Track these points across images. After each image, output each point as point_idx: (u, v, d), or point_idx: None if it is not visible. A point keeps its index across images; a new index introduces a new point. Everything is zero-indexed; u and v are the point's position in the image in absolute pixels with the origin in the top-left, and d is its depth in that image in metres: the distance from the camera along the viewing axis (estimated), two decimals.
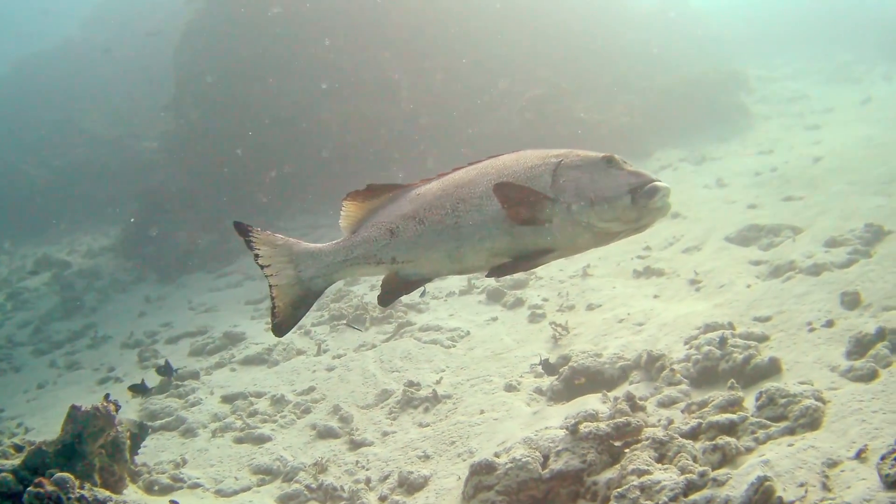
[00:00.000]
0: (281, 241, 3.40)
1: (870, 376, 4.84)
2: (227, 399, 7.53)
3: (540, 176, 3.12)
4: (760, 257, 7.81)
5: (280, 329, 3.47)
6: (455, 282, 9.24)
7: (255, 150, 14.79)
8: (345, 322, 8.32)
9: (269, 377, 7.91)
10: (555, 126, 13.32)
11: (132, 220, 15.03)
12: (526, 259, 3.19)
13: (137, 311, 11.72)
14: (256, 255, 3.37)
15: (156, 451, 6.78)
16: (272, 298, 3.39)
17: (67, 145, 20.24)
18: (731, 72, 16.68)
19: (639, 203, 3.00)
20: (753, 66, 20.96)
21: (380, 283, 3.46)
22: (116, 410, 5.73)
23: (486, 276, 3.30)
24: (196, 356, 8.99)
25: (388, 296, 3.42)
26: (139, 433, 6.32)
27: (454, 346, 7.48)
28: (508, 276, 8.74)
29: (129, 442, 5.96)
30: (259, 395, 7.45)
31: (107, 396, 6.12)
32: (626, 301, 7.51)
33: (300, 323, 8.97)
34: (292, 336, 8.86)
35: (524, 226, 3.11)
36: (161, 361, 8.12)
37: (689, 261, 8.27)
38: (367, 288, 9.84)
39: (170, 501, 5.61)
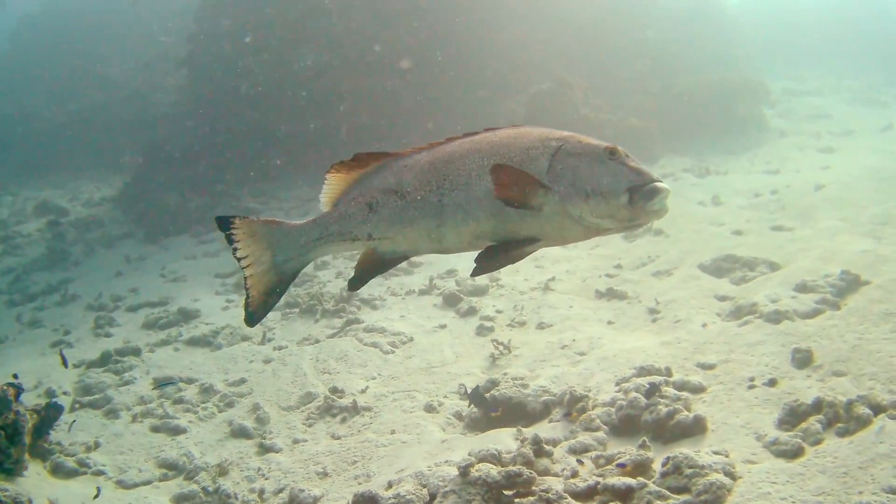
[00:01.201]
0: (260, 227, 3.17)
1: (794, 453, 4.50)
2: (158, 381, 7.37)
3: (536, 159, 2.92)
4: (728, 292, 7.42)
5: (253, 318, 3.25)
6: (417, 280, 8.96)
7: (262, 115, 14.60)
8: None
9: (207, 362, 7.74)
10: (557, 123, 12.80)
11: (132, 173, 14.93)
12: (510, 247, 2.96)
13: (115, 271, 11.62)
14: (235, 248, 3.15)
15: (75, 430, 6.64)
16: (246, 288, 3.19)
17: (85, 89, 20.09)
18: (753, 82, 15.95)
19: (635, 203, 2.83)
20: (782, 77, 20.23)
21: (349, 269, 3.34)
22: (16, 395, 5.63)
23: (471, 276, 3.09)
24: (148, 329, 8.84)
25: (360, 277, 3.20)
26: (50, 413, 6.19)
27: (393, 353, 7.22)
28: (468, 281, 8.47)
29: (33, 424, 5.88)
30: (190, 382, 7.29)
31: (15, 376, 6.04)
32: (578, 324, 7.18)
33: (240, 312, 8.89)
34: (240, 318, 8.65)
35: (512, 210, 2.88)
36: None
37: (656, 286, 7.90)
38: (332, 274, 9.61)
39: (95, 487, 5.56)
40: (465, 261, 9.46)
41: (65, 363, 7.18)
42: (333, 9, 14.53)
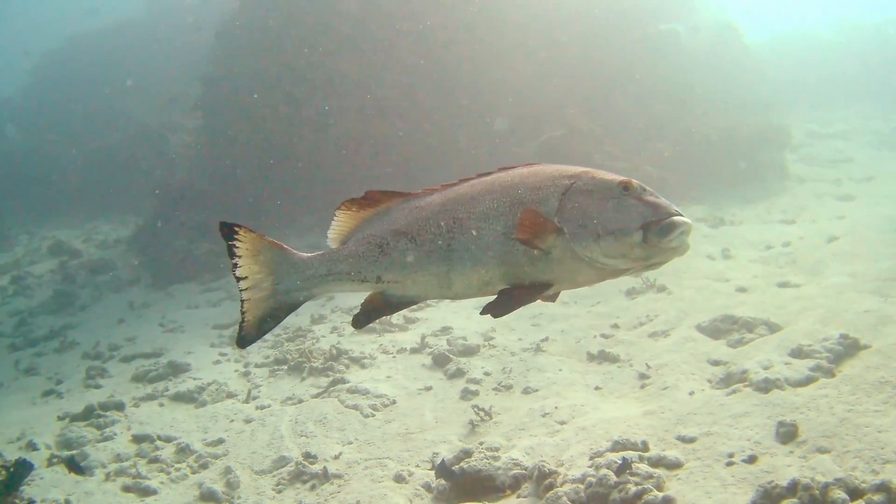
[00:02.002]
0: (266, 247, 3.05)
1: None
2: (137, 439, 7.26)
3: (546, 199, 2.82)
4: (723, 356, 7.13)
5: (244, 341, 3.13)
6: (411, 337, 8.79)
7: (273, 159, 14.66)
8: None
9: (189, 419, 7.61)
10: None
11: (144, 216, 15.06)
12: (522, 292, 2.85)
13: (118, 318, 11.65)
14: (235, 265, 3.03)
15: (49, 486, 6.57)
16: (242, 311, 3.06)
17: (105, 129, 20.41)
18: (774, 127, 15.60)
19: (651, 241, 2.68)
20: (807, 119, 19.79)
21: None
22: None
23: (481, 314, 2.93)
24: (137, 382, 8.77)
25: (366, 316, 3.08)
26: (20, 470, 6.11)
27: (373, 416, 7.03)
28: (460, 340, 8.29)
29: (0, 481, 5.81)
30: (168, 440, 7.16)
31: None
32: (563, 389, 6.95)
33: (233, 367, 8.80)
34: (233, 374, 8.59)
35: (521, 255, 2.79)
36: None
37: (651, 348, 7.63)
38: (327, 329, 9.48)
39: None
40: (460, 318, 9.31)
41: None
42: (347, 54, 14.62)
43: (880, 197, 13.05)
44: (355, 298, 10.47)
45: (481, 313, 2.89)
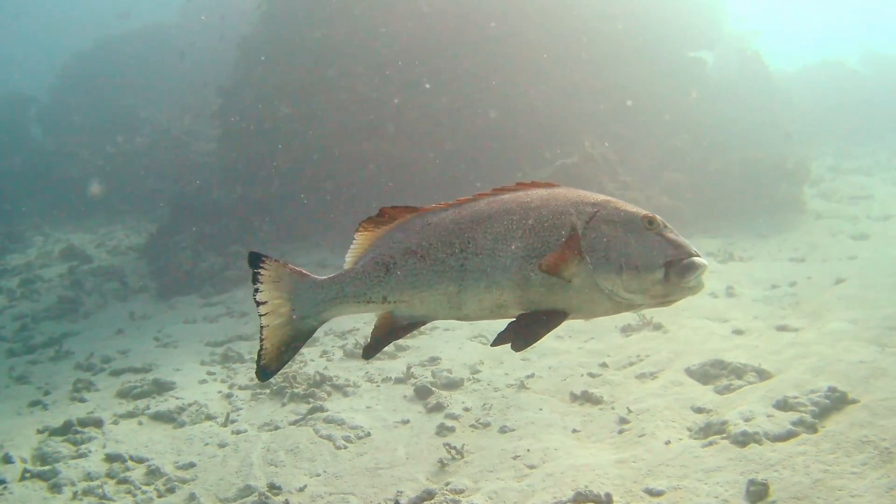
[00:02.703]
0: (287, 275, 3.08)
1: None
2: (109, 458, 7.20)
3: (569, 226, 2.82)
4: (707, 403, 6.90)
5: (265, 373, 3.15)
6: (399, 366, 8.66)
7: (287, 175, 14.69)
8: None
9: (165, 440, 7.56)
10: None
11: (157, 225, 15.13)
12: (536, 320, 2.83)
13: (117, 328, 11.68)
14: (257, 290, 3.06)
15: (18, 502, 6.55)
16: (261, 339, 3.09)
17: (127, 133, 20.62)
18: (793, 161, 15.23)
19: (671, 279, 2.72)
20: (831, 152, 19.32)
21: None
22: None
23: (492, 346, 2.94)
24: (121, 398, 8.75)
25: (375, 344, 3.08)
26: None
27: (345, 448, 6.92)
28: (445, 372, 8.16)
29: None
30: (140, 461, 7.11)
31: None
32: (540, 430, 6.78)
33: (218, 387, 8.74)
34: (216, 395, 8.53)
35: (538, 279, 2.77)
36: None
37: (636, 391, 7.43)
38: (317, 353, 9.40)
39: None
40: (451, 348, 9.17)
41: None
42: (363, 73, 14.62)
43: (895, 237, 12.68)
44: (350, 322, 10.42)
45: (493, 345, 2.86)
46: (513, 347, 2.88)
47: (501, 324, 3.05)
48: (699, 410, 6.81)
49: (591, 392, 7.38)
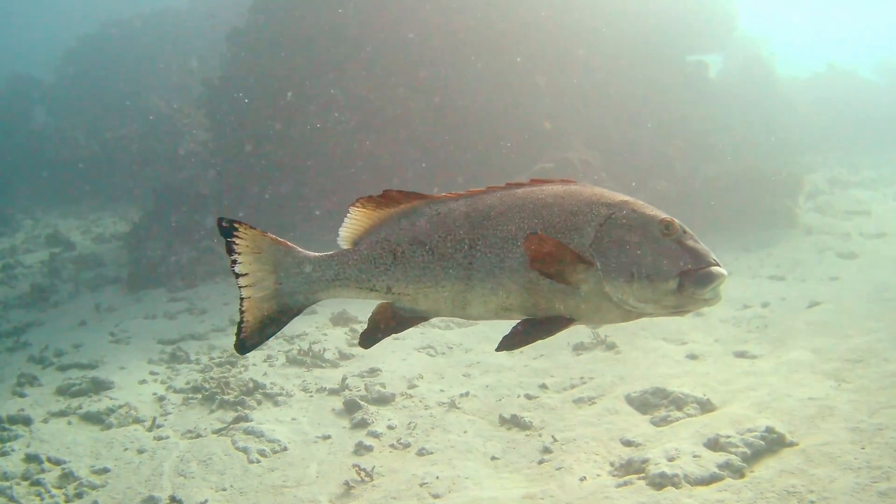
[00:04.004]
0: (268, 244, 2.86)
1: None
2: (29, 458, 7.07)
3: (582, 227, 2.65)
4: (638, 436, 6.58)
5: (244, 346, 2.92)
6: (338, 375, 8.41)
7: (268, 170, 14.49)
8: None
9: (88, 442, 7.40)
10: None
11: (141, 213, 15.01)
12: (541, 325, 2.68)
13: (80, 320, 11.58)
14: (234, 262, 2.84)
15: None
16: (241, 311, 2.87)
17: (124, 118, 20.52)
18: (786, 173, 14.67)
19: (685, 290, 2.55)
20: (836, 163, 18.65)
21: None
22: None
23: (496, 350, 2.72)
24: (60, 395, 8.62)
25: (372, 334, 2.87)
26: None
27: (258, 462, 6.70)
28: (377, 386, 7.92)
29: None
30: (57, 464, 6.95)
31: None
32: (458, 455, 6.51)
33: (155, 388, 8.57)
34: (150, 397, 8.34)
35: (547, 284, 2.63)
36: None
37: (569, 417, 7.13)
38: (261, 357, 9.18)
39: None
40: (395, 358, 8.92)
41: None
42: (349, 68, 14.36)
43: (883, 258, 12.14)
44: (299, 325, 10.20)
45: (497, 349, 2.71)
46: (498, 348, 2.74)
47: (503, 324, 2.88)
48: (628, 443, 6.49)
49: (520, 416, 7.08)
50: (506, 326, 2.85)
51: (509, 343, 2.70)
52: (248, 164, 14.52)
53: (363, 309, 10.59)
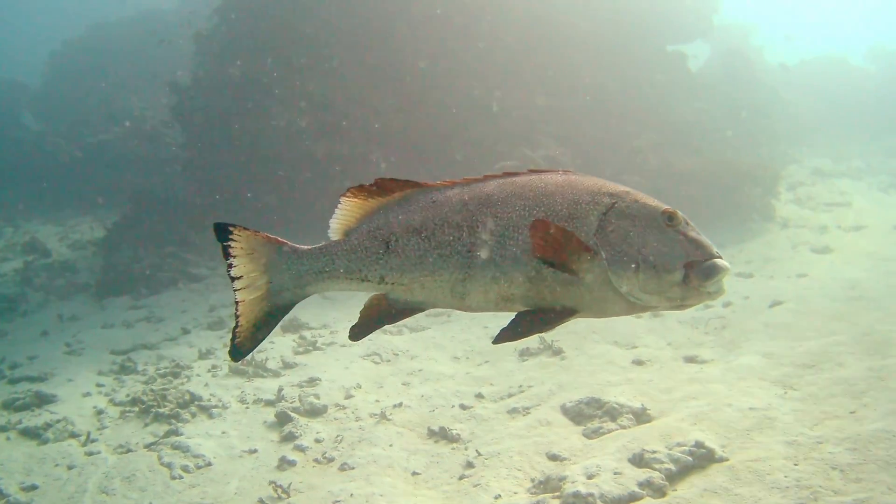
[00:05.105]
0: (262, 245, 2.82)
1: None
2: None
3: (585, 217, 2.61)
4: (565, 450, 6.40)
5: (238, 352, 2.88)
6: (276, 385, 8.27)
7: (238, 176, 14.37)
8: None
9: (22, 458, 7.30)
10: None
11: (113, 220, 14.95)
12: (543, 316, 2.63)
13: (43, 330, 11.52)
14: (230, 265, 2.81)
15: None
16: (236, 316, 2.83)
17: (107, 122, 20.42)
18: (762, 167, 14.32)
19: (690, 282, 2.53)
20: (822, 153, 18.19)
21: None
22: None
23: (493, 343, 2.69)
24: (3, 410, 8.54)
25: (365, 325, 2.80)
26: None
27: (181, 478, 6.59)
28: (311, 397, 7.79)
29: None
30: None
31: None
32: (378, 471, 6.36)
33: (97, 401, 8.47)
34: (90, 410, 8.24)
35: (550, 274, 2.57)
36: None
37: (500, 429, 6.95)
38: (206, 367, 9.05)
39: None
40: (337, 367, 8.77)
41: None
42: (317, 67, 14.19)
43: (857, 253, 11.82)
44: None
45: (494, 342, 2.66)
46: (495, 340, 2.67)
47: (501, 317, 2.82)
48: (554, 458, 6.31)
49: (449, 429, 6.92)
50: (504, 319, 2.73)
51: (509, 335, 2.63)
52: (218, 168, 14.40)
53: (316, 315, 10.46)
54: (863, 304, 9.24)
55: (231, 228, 2.79)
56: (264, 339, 2.88)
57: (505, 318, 2.74)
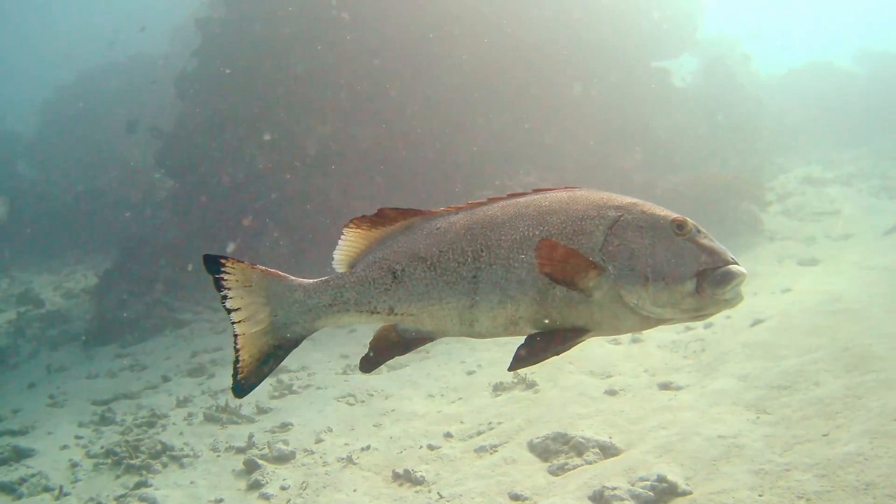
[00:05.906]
0: (258, 276, 2.77)
1: None
2: None
3: (591, 232, 2.57)
4: (527, 489, 6.31)
5: (242, 389, 2.81)
6: (244, 432, 8.21)
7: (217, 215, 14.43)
8: None
9: None
10: None
11: (104, 267, 15.04)
12: (555, 338, 2.57)
13: (30, 382, 11.56)
14: (224, 297, 2.75)
15: None
16: (236, 350, 2.77)
17: (99, 168, 20.60)
18: (747, 182, 14.16)
19: (704, 291, 2.47)
20: (813, 160, 17.95)
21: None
22: None
23: (508, 370, 2.62)
24: None
25: (376, 357, 2.76)
26: None
27: None
28: (280, 443, 7.73)
29: None
30: None
31: None
32: None
33: (74, 454, 8.46)
34: (66, 463, 8.23)
35: (558, 294, 2.53)
36: None
37: (465, 469, 6.86)
38: (182, 416, 9.02)
39: None
40: (311, 410, 8.71)
41: None
42: (294, 105, 14.26)
43: (843, 264, 11.61)
44: (227, 379, 10.03)
45: (509, 369, 2.59)
46: (510, 367, 2.61)
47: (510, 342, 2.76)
48: (515, 497, 6.21)
49: (414, 471, 6.83)
50: (514, 344, 2.66)
51: (522, 361, 2.57)
52: (205, 212, 14.48)
53: (296, 356, 10.40)
54: (844, 318, 9.04)
55: (222, 260, 2.73)
56: (270, 373, 2.81)
57: (512, 344, 2.67)
